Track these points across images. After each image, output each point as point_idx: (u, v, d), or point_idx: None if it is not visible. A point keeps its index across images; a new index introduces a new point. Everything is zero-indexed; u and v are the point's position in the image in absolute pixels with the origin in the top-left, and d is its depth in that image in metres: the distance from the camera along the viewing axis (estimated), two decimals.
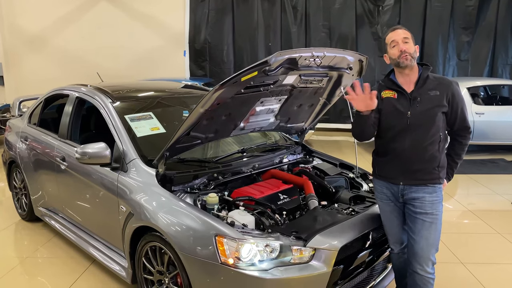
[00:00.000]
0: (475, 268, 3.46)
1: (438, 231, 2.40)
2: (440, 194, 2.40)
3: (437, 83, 2.36)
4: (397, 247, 2.62)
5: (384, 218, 2.58)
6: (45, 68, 10.44)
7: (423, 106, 2.33)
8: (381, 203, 2.56)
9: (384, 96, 2.42)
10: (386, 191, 2.50)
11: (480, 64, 9.63)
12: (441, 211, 2.40)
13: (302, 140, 3.66)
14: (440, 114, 2.34)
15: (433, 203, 2.37)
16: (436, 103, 2.33)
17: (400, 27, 2.42)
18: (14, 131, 4.48)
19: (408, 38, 2.35)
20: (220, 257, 2.23)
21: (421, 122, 2.33)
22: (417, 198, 2.38)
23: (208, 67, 10.38)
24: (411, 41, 2.37)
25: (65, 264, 3.54)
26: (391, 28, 2.45)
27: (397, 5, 9.63)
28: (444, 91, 2.34)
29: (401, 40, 2.35)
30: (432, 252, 2.40)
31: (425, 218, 2.37)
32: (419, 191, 2.37)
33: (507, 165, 6.91)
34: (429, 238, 2.38)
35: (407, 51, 2.32)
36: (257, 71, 2.28)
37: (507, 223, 4.44)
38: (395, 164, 2.42)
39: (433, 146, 2.35)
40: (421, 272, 2.41)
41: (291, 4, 9.95)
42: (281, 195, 2.80)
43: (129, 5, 10.31)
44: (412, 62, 2.35)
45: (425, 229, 2.37)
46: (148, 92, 3.91)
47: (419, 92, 2.35)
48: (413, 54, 2.35)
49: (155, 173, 2.68)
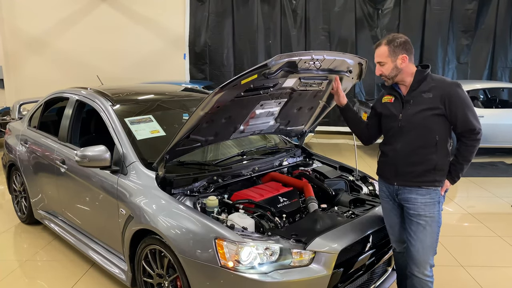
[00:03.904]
0: (475, 271, 3.45)
1: (434, 233, 2.39)
2: (435, 196, 2.37)
3: (432, 85, 2.34)
4: (399, 246, 2.63)
5: (385, 216, 2.63)
6: (45, 71, 10.46)
7: (414, 109, 2.35)
8: (382, 201, 2.62)
9: (383, 101, 2.54)
10: (385, 190, 2.57)
11: (480, 67, 9.65)
12: (436, 214, 2.38)
13: (302, 143, 3.66)
14: (433, 117, 2.31)
15: (426, 205, 2.36)
16: (427, 105, 2.32)
17: (380, 43, 2.41)
18: (14, 134, 4.49)
19: (382, 62, 2.37)
20: (220, 260, 2.23)
21: (412, 124, 2.35)
22: (409, 199, 2.41)
23: (208, 70, 10.40)
24: (388, 60, 2.36)
25: (65, 267, 3.53)
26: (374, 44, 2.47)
27: (397, 9, 9.66)
28: (438, 93, 2.30)
29: (377, 63, 2.41)
30: (429, 255, 2.40)
31: (419, 220, 2.38)
32: (412, 192, 2.40)
33: (507, 168, 6.91)
34: (424, 241, 2.38)
35: (383, 74, 2.41)
36: (257, 74, 2.28)
37: (507, 226, 4.44)
38: (389, 165, 2.48)
39: (427, 149, 2.34)
40: (419, 275, 2.42)
41: (291, 8, 9.98)
42: (281, 198, 2.80)
43: (130, 8, 10.34)
44: (391, 82, 2.42)
45: (419, 231, 2.38)
46: (148, 95, 3.92)
47: (412, 95, 2.38)
48: (389, 75, 2.40)
49: (155, 176, 2.68)
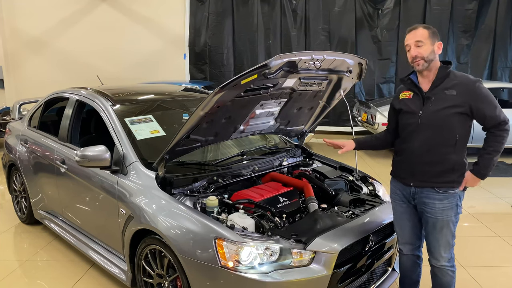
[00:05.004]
0: (476, 272, 3.45)
1: (450, 232, 2.38)
2: (454, 200, 2.34)
3: (456, 82, 2.27)
4: (406, 248, 2.62)
5: (395, 219, 2.62)
6: (45, 71, 10.47)
7: (436, 106, 2.29)
8: (394, 204, 2.60)
9: (400, 97, 2.47)
10: (399, 193, 2.53)
11: (480, 67, 9.65)
12: (454, 216, 2.36)
13: (302, 143, 3.66)
14: (455, 115, 2.25)
15: (444, 210, 2.35)
16: (451, 103, 2.25)
17: (417, 26, 2.32)
18: (14, 134, 4.49)
19: (422, 41, 2.27)
20: (220, 260, 2.23)
21: (433, 122, 2.30)
22: (427, 204, 2.39)
23: (208, 70, 10.39)
24: (427, 42, 2.27)
25: (65, 267, 3.53)
26: (409, 28, 2.37)
27: (397, 8, 9.66)
28: (462, 91, 2.24)
29: (413, 43, 2.29)
30: (446, 249, 2.40)
31: (436, 222, 2.38)
32: (429, 196, 2.37)
33: (507, 168, 6.91)
34: (440, 239, 2.39)
35: (419, 56, 2.28)
36: (257, 74, 2.28)
37: (507, 226, 4.44)
38: (406, 164, 2.43)
39: (446, 148, 2.30)
40: (437, 264, 2.46)
41: (291, 8, 9.98)
42: (281, 198, 2.80)
43: (130, 8, 10.34)
44: (426, 66, 2.30)
45: (436, 232, 2.39)
46: (148, 95, 3.92)
47: (434, 91, 2.31)
48: (428, 57, 2.27)
49: (155, 176, 2.68)
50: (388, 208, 2.83)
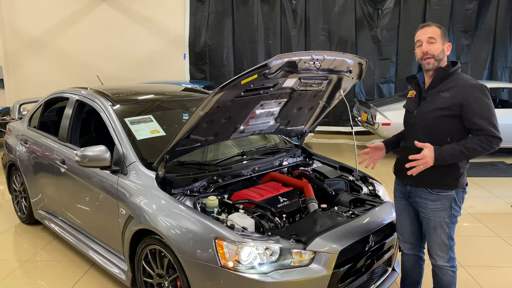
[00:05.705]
0: (476, 272, 3.45)
1: (444, 233, 2.38)
2: (447, 202, 2.34)
3: (452, 85, 2.24)
4: (406, 247, 2.63)
5: (396, 216, 2.67)
6: (45, 71, 10.47)
7: (428, 107, 2.32)
8: (396, 201, 2.64)
9: (408, 96, 2.54)
10: (398, 189, 2.58)
11: (480, 67, 9.65)
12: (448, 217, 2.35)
13: (302, 143, 3.66)
14: (446, 117, 2.24)
15: (436, 211, 2.36)
16: (442, 105, 2.24)
17: (430, 24, 2.29)
18: (14, 134, 4.49)
19: (434, 38, 2.24)
20: (220, 260, 2.23)
21: (423, 122, 2.33)
22: (420, 203, 2.41)
23: (208, 70, 10.40)
24: (439, 41, 2.24)
25: (65, 267, 3.53)
26: (421, 24, 2.34)
27: (397, 8, 9.66)
28: (456, 94, 2.21)
29: (426, 39, 2.26)
30: (443, 250, 2.40)
31: (429, 222, 2.40)
32: (422, 196, 2.39)
33: (507, 168, 6.91)
34: (436, 240, 2.40)
35: (430, 53, 2.25)
36: (257, 74, 2.28)
37: (507, 226, 4.44)
38: (402, 162, 2.44)
39: None
40: (435, 264, 2.47)
41: (291, 8, 9.98)
42: (281, 198, 2.80)
43: (130, 8, 10.34)
44: (435, 65, 2.27)
45: (430, 231, 2.41)
46: (148, 95, 3.92)
47: (430, 92, 2.33)
48: (438, 56, 2.25)
49: (155, 176, 2.68)
50: (388, 208, 2.84)
